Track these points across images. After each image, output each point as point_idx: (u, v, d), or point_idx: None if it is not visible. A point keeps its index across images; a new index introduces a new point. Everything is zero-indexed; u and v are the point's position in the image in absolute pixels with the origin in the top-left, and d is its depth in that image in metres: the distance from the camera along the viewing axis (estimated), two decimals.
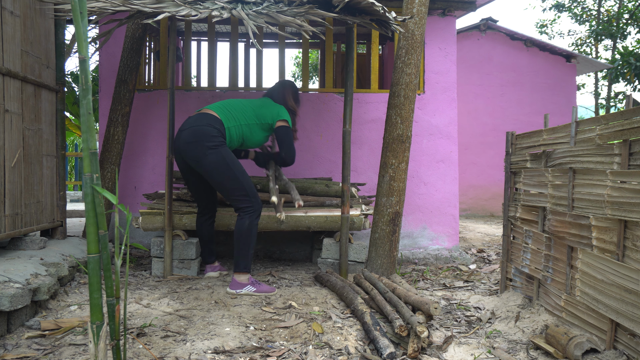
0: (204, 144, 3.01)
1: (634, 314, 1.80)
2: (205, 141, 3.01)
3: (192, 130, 3.07)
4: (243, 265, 3.03)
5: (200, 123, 3.08)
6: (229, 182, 3.03)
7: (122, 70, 4.08)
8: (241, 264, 3.03)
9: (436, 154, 4.56)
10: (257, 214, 3.07)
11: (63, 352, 2.06)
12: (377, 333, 2.22)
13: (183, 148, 3.08)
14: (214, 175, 3.05)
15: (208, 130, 3.05)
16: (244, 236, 3.01)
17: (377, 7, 2.88)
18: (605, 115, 2.05)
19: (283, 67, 4.64)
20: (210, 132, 3.04)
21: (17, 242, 2.97)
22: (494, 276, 3.77)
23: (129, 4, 2.76)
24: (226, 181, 3.03)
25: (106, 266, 1.64)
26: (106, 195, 1.55)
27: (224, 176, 3.03)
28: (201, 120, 3.09)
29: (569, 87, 8.84)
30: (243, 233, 3.01)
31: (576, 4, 14.46)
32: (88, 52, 1.60)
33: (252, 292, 2.98)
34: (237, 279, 3.03)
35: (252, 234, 3.04)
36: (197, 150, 3.02)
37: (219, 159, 3.01)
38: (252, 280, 3.05)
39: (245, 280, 3.02)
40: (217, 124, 3.10)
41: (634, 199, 1.80)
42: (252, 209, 3.04)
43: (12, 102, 2.79)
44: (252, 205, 3.05)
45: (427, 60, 4.58)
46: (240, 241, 3.01)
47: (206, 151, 3.00)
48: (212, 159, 3.01)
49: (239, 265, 3.03)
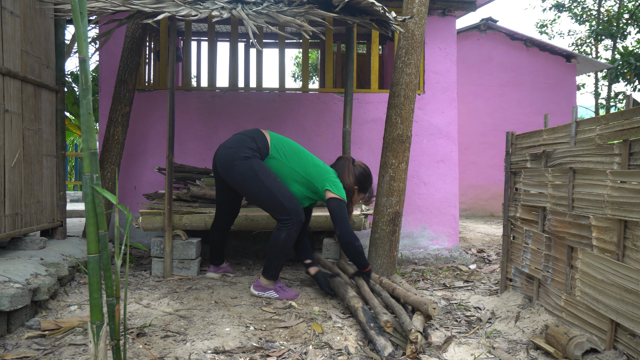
0: (237, 153, 2.91)
1: (634, 314, 1.80)
2: (240, 151, 2.91)
3: (234, 138, 3.01)
4: (271, 273, 2.95)
5: (246, 133, 3.02)
6: (261, 195, 2.89)
7: (122, 70, 4.08)
8: (270, 270, 2.95)
9: (436, 154, 4.56)
10: (295, 227, 2.89)
11: (63, 352, 2.06)
12: (372, 332, 2.23)
13: (219, 152, 3.01)
14: (242, 186, 2.93)
15: (247, 142, 2.95)
16: (278, 247, 2.90)
17: (377, 7, 2.88)
18: (605, 115, 2.05)
19: (283, 67, 4.64)
20: (247, 144, 2.94)
21: (17, 242, 2.97)
22: (494, 276, 3.77)
23: (129, 4, 2.76)
24: (258, 193, 2.90)
25: (106, 266, 1.64)
26: (106, 195, 1.55)
27: (254, 188, 2.89)
28: (248, 132, 3.03)
29: (569, 87, 8.84)
30: (277, 244, 2.90)
31: (576, 4, 14.46)
32: (88, 52, 1.60)
33: (274, 297, 2.93)
34: (261, 282, 2.98)
35: (287, 246, 2.91)
36: (229, 157, 2.93)
37: (248, 169, 2.88)
38: (278, 286, 2.98)
39: (270, 285, 2.96)
40: (262, 143, 2.98)
41: (634, 199, 1.80)
42: (290, 222, 2.88)
43: (12, 102, 2.79)
44: (291, 218, 2.87)
45: (427, 60, 4.58)
46: (273, 250, 2.92)
47: (235, 161, 2.90)
48: (240, 169, 2.89)
49: (267, 272, 2.95)
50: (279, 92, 4.59)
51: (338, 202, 2.91)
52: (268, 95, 4.57)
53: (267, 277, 2.96)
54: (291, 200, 2.90)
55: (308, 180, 2.99)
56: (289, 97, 4.58)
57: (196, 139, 4.48)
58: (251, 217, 3.66)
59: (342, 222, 2.89)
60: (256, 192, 2.89)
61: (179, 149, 4.43)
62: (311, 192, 3.04)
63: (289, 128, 4.52)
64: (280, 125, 4.51)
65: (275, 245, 2.90)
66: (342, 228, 2.89)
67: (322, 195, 2.98)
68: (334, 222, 2.92)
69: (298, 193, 3.03)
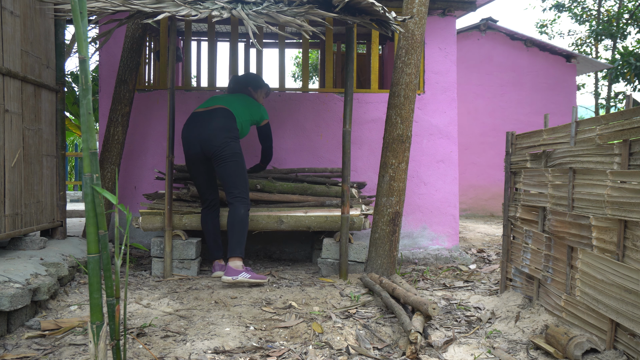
0: (230, 134, 3.30)
1: (634, 314, 1.80)
2: (231, 131, 3.32)
3: (219, 123, 3.33)
4: (239, 250, 3.18)
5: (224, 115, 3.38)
6: (239, 171, 3.28)
7: (122, 70, 4.08)
8: (237, 249, 3.17)
9: (436, 154, 4.56)
10: (249, 206, 3.31)
11: (63, 352, 2.06)
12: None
13: (207, 135, 3.30)
14: (229, 164, 3.27)
15: (231, 123, 3.37)
16: (241, 223, 3.20)
17: (377, 7, 2.88)
18: (605, 115, 2.05)
19: (283, 67, 4.64)
20: (233, 125, 3.38)
21: (17, 242, 2.97)
22: (494, 276, 3.77)
23: (129, 4, 2.76)
24: (237, 170, 3.28)
25: (106, 266, 1.64)
26: (106, 195, 1.55)
27: (237, 165, 3.28)
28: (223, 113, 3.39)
29: (569, 87, 8.84)
30: (240, 220, 3.20)
31: (576, 4, 14.46)
32: (88, 52, 1.60)
33: (248, 279, 3.09)
34: (232, 266, 3.12)
35: (246, 220, 3.25)
36: (222, 138, 3.27)
37: (238, 150, 3.32)
38: (246, 269, 3.15)
39: (240, 267, 3.13)
40: (232, 119, 3.41)
41: (634, 199, 1.80)
42: (246, 200, 3.29)
43: (12, 102, 2.79)
44: (247, 198, 3.30)
45: (427, 60, 4.58)
46: (236, 228, 3.17)
47: (229, 141, 3.28)
48: (233, 149, 3.28)
49: (235, 251, 3.16)
50: (279, 92, 4.59)
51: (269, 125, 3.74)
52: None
53: (237, 255, 3.15)
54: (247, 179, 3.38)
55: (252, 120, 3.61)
56: (289, 97, 4.58)
57: None
58: (251, 217, 3.65)
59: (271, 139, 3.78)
60: (236, 169, 3.28)
61: (179, 149, 4.42)
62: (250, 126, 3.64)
63: (289, 128, 4.52)
64: (280, 125, 4.51)
65: (237, 222, 3.20)
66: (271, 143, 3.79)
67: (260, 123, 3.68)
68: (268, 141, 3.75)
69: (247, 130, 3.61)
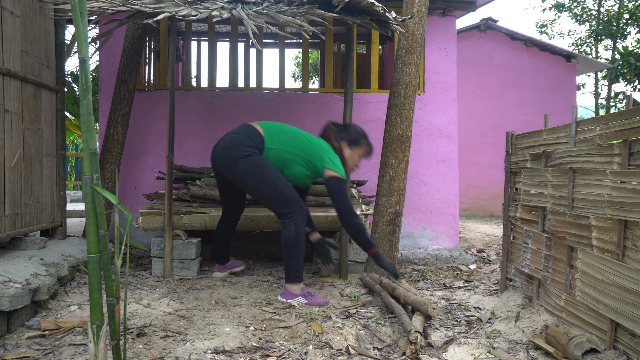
0: (237, 152, 2.88)
1: (634, 314, 1.80)
2: (239, 150, 2.89)
3: (229, 138, 2.98)
4: (294, 274, 2.86)
5: (239, 132, 2.98)
6: (266, 188, 2.87)
7: (122, 70, 4.08)
8: (292, 273, 2.86)
9: (436, 154, 4.56)
10: (301, 218, 2.86)
11: (63, 352, 2.06)
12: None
13: (217, 154, 2.98)
14: (247, 182, 2.90)
15: (244, 140, 2.92)
16: (291, 244, 2.84)
17: (377, 7, 2.88)
18: (605, 115, 2.05)
19: (283, 67, 4.64)
20: (245, 142, 2.91)
21: (17, 242, 2.97)
22: (494, 276, 3.77)
23: (129, 4, 2.76)
24: (262, 187, 2.88)
25: (106, 266, 1.64)
26: (106, 195, 1.55)
27: (258, 182, 2.87)
28: (241, 130, 3.00)
29: (569, 87, 8.84)
30: (290, 241, 2.84)
31: (576, 4, 14.47)
32: (88, 52, 1.60)
33: (303, 304, 2.82)
34: (289, 289, 2.88)
35: (300, 240, 2.85)
36: (229, 158, 2.90)
37: (252, 166, 2.87)
38: (305, 292, 2.88)
39: (298, 291, 2.87)
40: (257, 138, 2.95)
41: (634, 199, 1.80)
42: (296, 214, 2.85)
43: (12, 102, 2.79)
44: (296, 211, 2.86)
45: (427, 60, 4.58)
46: (288, 249, 2.85)
47: (237, 160, 2.87)
48: (243, 167, 2.87)
49: (290, 275, 2.87)
50: (279, 92, 4.59)
51: (336, 180, 2.90)
52: (268, 95, 4.57)
53: (292, 281, 2.86)
54: (294, 193, 2.89)
55: (310, 160, 2.98)
56: (289, 97, 4.58)
57: (196, 139, 4.48)
58: (251, 217, 3.66)
59: (341, 199, 2.87)
60: (262, 187, 2.88)
61: (179, 149, 4.43)
62: (312, 171, 3.03)
63: None
64: None
65: (288, 244, 2.84)
66: (340, 205, 2.88)
67: (321, 172, 2.97)
68: (333, 200, 2.91)
69: (300, 174, 3.03)
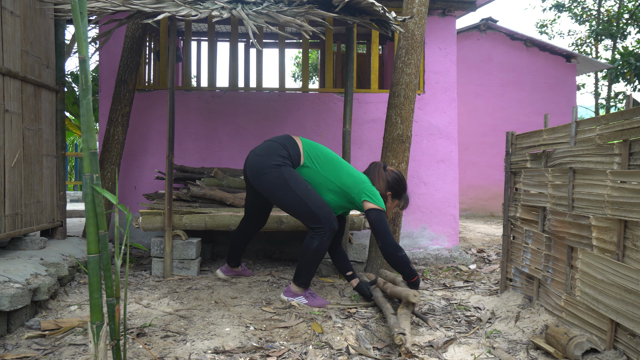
0: (268, 161, 2.82)
1: (634, 314, 1.80)
2: (270, 159, 2.82)
3: (265, 145, 2.93)
4: (302, 280, 2.87)
5: (276, 140, 2.93)
6: (293, 203, 2.80)
7: (122, 70, 4.08)
8: (301, 278, 2.87)
9: (436, 154, 4.56)
10: (328, 235, 2.80)
11: (63, 352, 2.06)
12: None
13: (249, 159, 2.92)
14: (272, 194, 2.85)
15: (278, 149, 2.86)
16: (309, 255, 2.82)
17: (377, 7, 2.88)
18: (605, 115, 2.05)
19: (283, 67, 4.64)
20: (278, 151, 2.85)
21: (17, 242, 2.97)
22: (494, 276, 3.77)
23: (129, 4, 2.76)
24: (287, 201, 2.81)
25: (106, 266, 1.64)
26: (106, 195, 1.55)
27: (283, 195, 2.81)
28: (279, 139, 2.93)
29: (569, 87, 8.84)
30: (309, 252, 2.81)
31: (576, 4, 14.47)
32: (88, 52, 1.60)
33: (303, 304, 2.85)
34: (292, 289, 2.91)
35: (319, 254, 2.82)
36: (259, 165, 2.84)
37: (279, 177, 2.79)
38: (308, 293, 2.90)
39: (300, 292, 2.89)
40: (293, 150, 2.89)
41: (634, 199, 1.80)
42: (322, 230, 2.78)
43: (12, 102, 2.79)
44: (324, 227, 2.78)
45: (427, 60, 4.58)
46: (304, 258, 2.84)
47: (265, 169, 2.81)
48: (270, 177, 2.80)
49: (298, 279, 2.88)
50: (279, 92, 4.59)
51: (378, 212, 2.78)
52: (268, 95, 4.57)
53: (298, 284, 2.88)
54: (323, 209, 2.80)
55: (343, 190, 2.88)
56: (289, 97, 4.58)
57: (196, 139, 4.48)
58: None
59: (384, 233, 2.77)
60: (287, 200, 2.81)
61: (179, 149, 4.43)
62: (346, 202, 2.93)
63: (289, 128, 4.52)
64: (280, 125, 4.51)
65: (306, 254, 2.83)
66: (384, 239, 2.77)
67: (360, 206, 2.86)
68: (375, 234, 2.81)
69: (332, 202, 2.93)
